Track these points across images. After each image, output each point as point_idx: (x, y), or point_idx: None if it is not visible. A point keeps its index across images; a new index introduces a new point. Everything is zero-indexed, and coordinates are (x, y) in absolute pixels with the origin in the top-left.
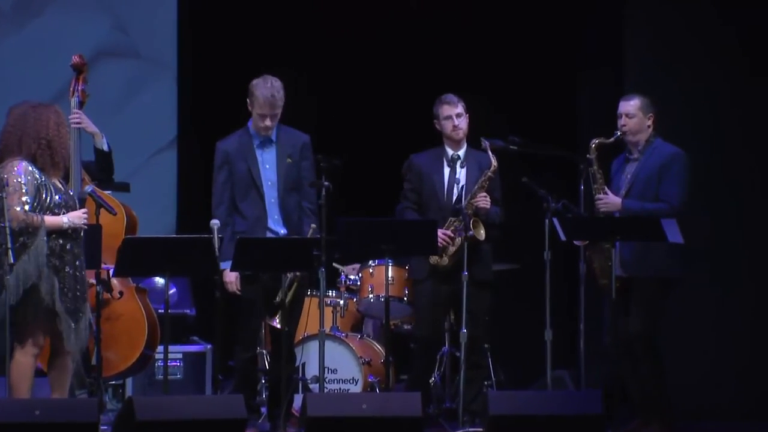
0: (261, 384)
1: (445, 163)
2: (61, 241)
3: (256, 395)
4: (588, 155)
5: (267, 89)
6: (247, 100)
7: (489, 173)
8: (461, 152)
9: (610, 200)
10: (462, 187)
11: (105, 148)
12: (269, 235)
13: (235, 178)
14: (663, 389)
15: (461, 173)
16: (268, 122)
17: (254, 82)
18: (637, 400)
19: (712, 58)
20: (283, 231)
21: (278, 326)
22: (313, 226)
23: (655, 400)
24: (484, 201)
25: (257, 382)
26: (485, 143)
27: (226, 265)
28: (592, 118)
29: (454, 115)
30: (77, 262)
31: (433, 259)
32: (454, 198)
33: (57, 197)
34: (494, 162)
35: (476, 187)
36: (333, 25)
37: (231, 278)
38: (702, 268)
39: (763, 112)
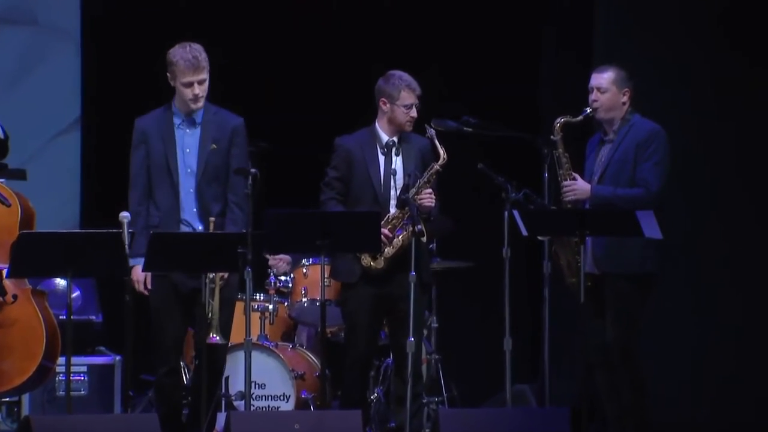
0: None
1: (379, 150)
2: None
3: (179, 414)
4: (552, 136)
5: (186, 52)
6: (167, 74)
7: (437, 166)
8: (396, 138)
9: (578, 186)
10: (399, 177)
11: (0, 135)
12: (184, 228)
13: (150, 160)
14: (642, 402)
15: (397, 162)
16: (197, 90)
17: (171, 50)
18: (611, 415)
19: (686, 29)
20: (199, 226)
21: (219, 342)
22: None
23: (633, 414)
24: (429, 199)
25: (178, 399)
26: (430, 132)
27: (136, 262)
28: (558, 95)
29: (414, 105)
30: None
31: (366, 260)
32: (392, 190)
33: None
34: (443, 153)
35: (422, 181)
36: None
37: (140, 276)
38: (680, 265)
39: (742, 90)
